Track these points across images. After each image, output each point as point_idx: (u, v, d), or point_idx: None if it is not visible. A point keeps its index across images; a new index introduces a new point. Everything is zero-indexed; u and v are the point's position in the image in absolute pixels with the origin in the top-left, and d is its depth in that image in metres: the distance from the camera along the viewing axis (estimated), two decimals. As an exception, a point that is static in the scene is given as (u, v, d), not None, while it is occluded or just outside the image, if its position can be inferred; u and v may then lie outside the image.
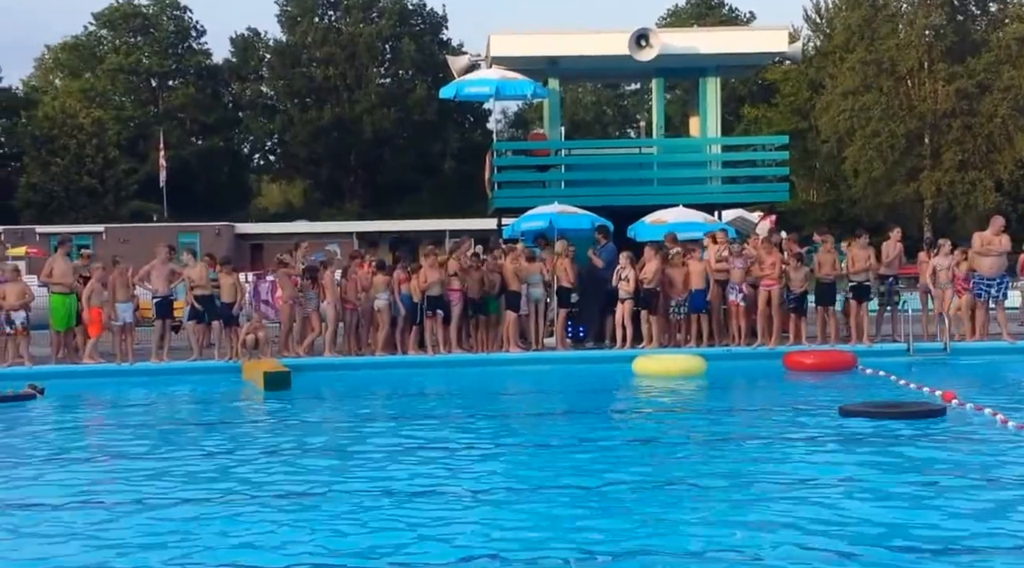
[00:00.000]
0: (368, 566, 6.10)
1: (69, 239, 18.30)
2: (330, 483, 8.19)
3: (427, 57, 58.84)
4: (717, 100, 20.83)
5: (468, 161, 53.93)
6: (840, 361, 15.09)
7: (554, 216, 17.60)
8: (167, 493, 7.97)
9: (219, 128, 61.31)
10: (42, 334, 16.63)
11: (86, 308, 15.80)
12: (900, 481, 7.90)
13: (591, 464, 8.86)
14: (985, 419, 10.43)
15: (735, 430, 10.66)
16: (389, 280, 16.41)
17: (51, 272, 16.04)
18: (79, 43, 63.39)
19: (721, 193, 20.66)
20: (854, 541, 6.32)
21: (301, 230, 40.51)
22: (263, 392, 13.50)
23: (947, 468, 8.34)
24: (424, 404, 13.10)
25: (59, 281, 15.95)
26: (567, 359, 16.40)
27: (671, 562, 6.05)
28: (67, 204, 51.17)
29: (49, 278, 16.03)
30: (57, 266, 16.10)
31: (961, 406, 11.10)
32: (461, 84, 19.96)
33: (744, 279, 16.42)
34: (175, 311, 17.01)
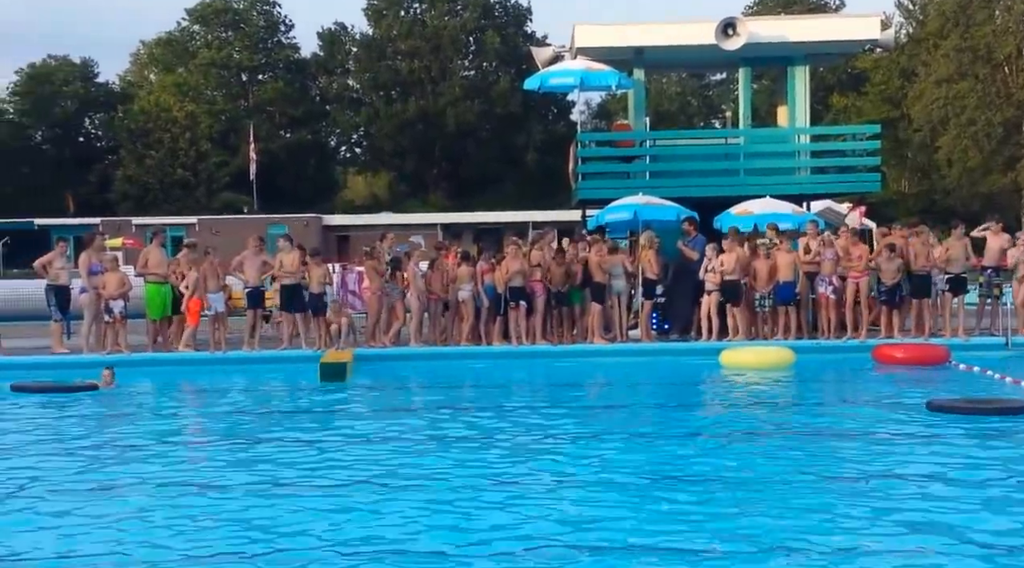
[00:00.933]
0: (454, 554, 6.16)
1: (163, 230, 18.79)
2: (399, 471, 8.30)
3: (511, 49, 58.94)
4: (806, 89, 20.49)
5: (551, 153, 53.90)
6: (932, 355, 14.75)
7: (639, 207, 17.53)
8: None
9: (307, 121, 62.20)
10: (138, 323, 17.09)
11: (188, 298, 16.26)
12: (986, 479, 7.73)
13: (675, 456, 8.83)
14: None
15: (819, 424, 10.52)
16: (473, 271, 16.51)
17: (147, 262, 16.49)
18: (173, 38, 64.89)
19: (810, 184, 20.33)
20: (935, 538, 6.22)
21: (386, 222, 40.91)
22: (319, 383, 13.60)
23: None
24: (506, 395, 13.11)
25: (154, 271, 16.40)
26: (652, 351, 16.32)
27: (754, 556, 6.01)
28: (161, 196, 52.49)
29: (145, 268, 16.48)
30: (152, 256, 16.55)
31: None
32: (545, 75, 19.97)
33: (834, 271, 16.16)
34: (266, 301, 17.32)
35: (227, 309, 16.77)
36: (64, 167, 59.73)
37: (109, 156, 60.20)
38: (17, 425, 11.06)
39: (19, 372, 14.47)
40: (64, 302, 16.42)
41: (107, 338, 16.23)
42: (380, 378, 14.30)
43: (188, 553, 6.20)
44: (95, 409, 12.10)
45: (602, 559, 6.02)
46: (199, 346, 16.58)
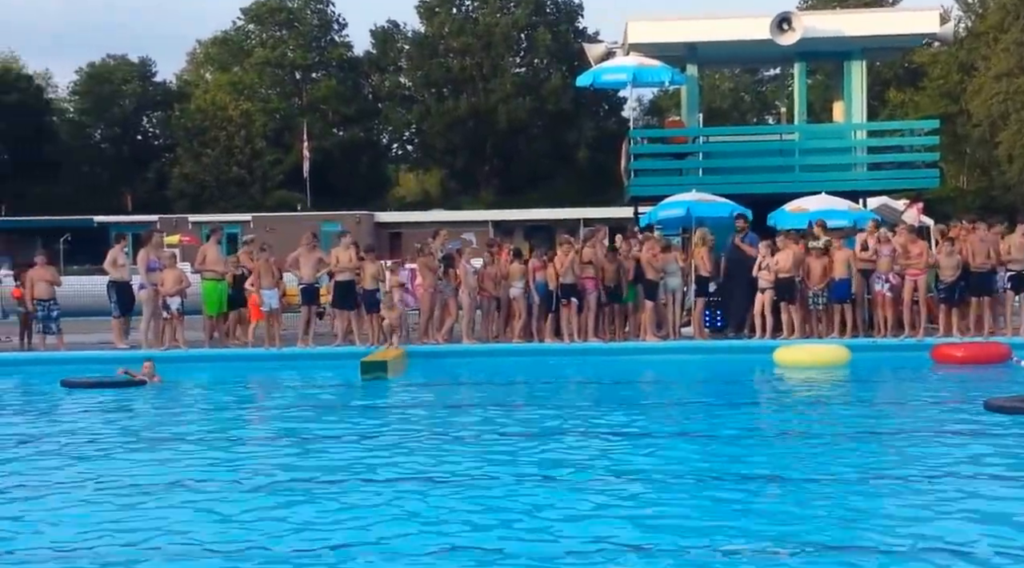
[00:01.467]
0: (506, 550, 6.18)
1: (220, 228, 19.01)
2: (455, 468, 8.34)
3: (562, 46, 58.81)
4: (863, 84, 20.27)
5: (602, 150, 53.72)
6: (992, 354, 14.47)
7: (692, 204, 17.42)
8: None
9: (359, 119, 62.56)
10: (195, 319, 17.31)
11: (253, 294, 16.48)
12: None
13: (728, 455, 8.78)
14: None
15: (873, 424, 10.39)
16: (524, 269, 16.51)
17: (204, 259, 16.70)
18: (228, 38, 65.64)
19: (866, 180, 20.10)
20: (989, 539, 6.14)
21: (437, 219, 41.01)
22: (360, 380, 13.62)
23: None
24: (557, 393, 13.09)
25: (211, 268, 16.61)
26: (705, 349, 16.21)
27: (803, 556, 5.95)
28: (217, 194, 53.10)
29: (202, 265, 16.71)
30: (210, 253, 16.77)
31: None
32: (598, 72, 19.94)
33: (891, 268, 15.93)
34: (320, 298, 17.44)
35: (281, 306, 16.91)
36: (122, 165, 60.70)
37: (166, 154, 61.01)
38: (72, 420, 11.19)
39: (71, 367, 14.70)
40: (125, 298, 16.65)
41: (165, 334, 16.46)
42: (431, 375, 14.35)
43: (247, 546, 6.28)
44: (146, 404, 12.26)
45: (652, 558, 5.99)
46: (255, 342, 16.77)
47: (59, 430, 10.50)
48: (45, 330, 16.47)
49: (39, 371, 14.90)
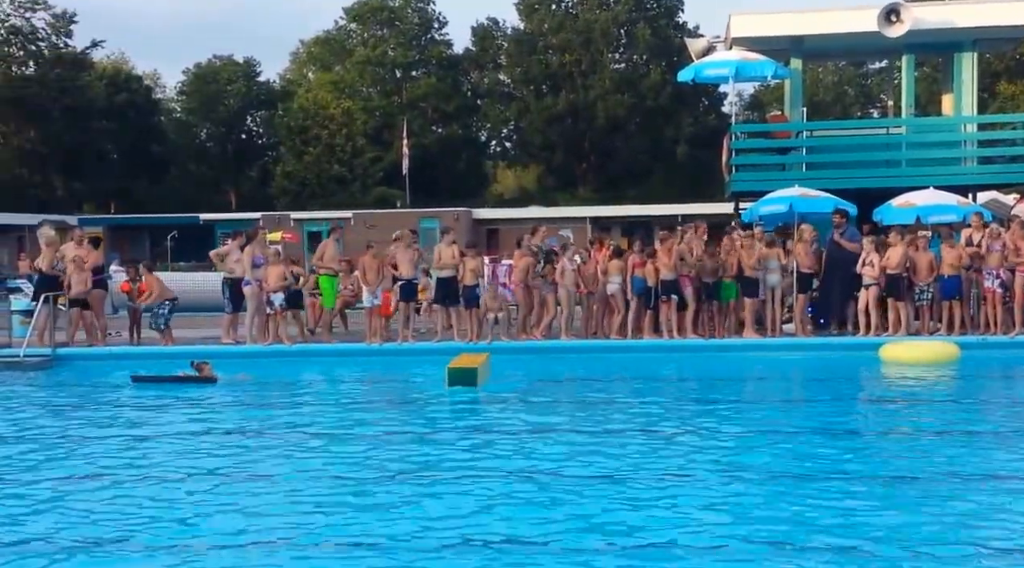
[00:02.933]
0: (592, 545, 6.22)
1: (339, 226, 19.47)
2: (547, 465, 8.38)
3: (662, 41, 58.40)
4: (973, 76, 19.73)
5: (701, 146, 53.21)
6: None
7: (794, 200, 17.15)
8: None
9: (458, 116, 63.03)
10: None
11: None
12: None
13: (832, 453, 8.67)
14: None
15: (981, 423, 10.15)
16: (623, 265, 16.44)
17: (322, 256, 17.13)
18: (330, 37, 66.83)
19: (976, 174, 19.58)
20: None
21: (535, 215, 41.12)
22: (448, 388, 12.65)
23: None
24: (657, 390, 12.98)
25: (328, 265, 17.06)
26: (808, 346, 15.94)
27: (896, 555, 5.87)
28: (318, 191, 54.07)
29: (320, 261, 17.15)
30: (328, 250, 17.20)
31: None
32: (699, 66, 19.77)
33: (1001, 264, 15.46)
34: (419, 294, 17.61)
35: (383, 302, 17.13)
36: (227, 164, 62.28)
37: (269, 153, 62.42)
38: (143, 415, 11.36)
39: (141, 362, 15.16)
40: (237, 294, 17.07)
41: (268, 330, 16.81)
42: (528, 370, 14.36)
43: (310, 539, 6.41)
44: (219, 400, 12.41)
45: (755, 553, 5.97)
46: (352, 337, 17.07)
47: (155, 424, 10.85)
48: (154, 326, 17.02)
49: (135, 365, 15.08)
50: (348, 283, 19.06)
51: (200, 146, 64.43)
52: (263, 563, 6.04)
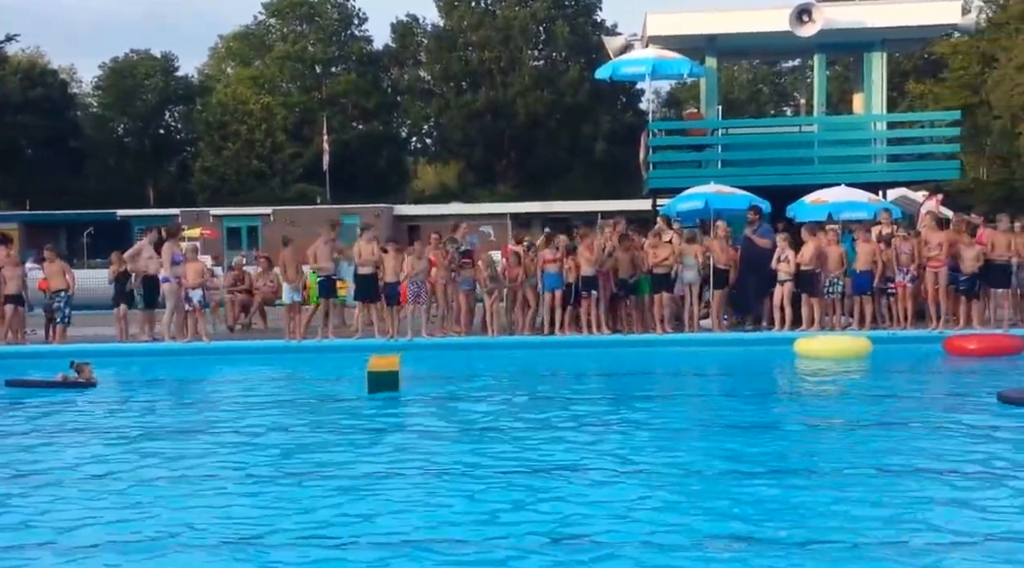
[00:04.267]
0: (496, 536, 6.30)
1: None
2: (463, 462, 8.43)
3: (580, 39, 58.81)
4: (882, 76, 20.23)
5: (620, 143, 53.72)
6: (1005, 346, 14.43)
7: (710, 196, 17.44)
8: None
9: (378, 112, 62.77)
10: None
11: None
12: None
13: (744, 447, 8.84)
14: None
15: (889, 415, 10.41)
16: (547, 261, 16.55)
17: (315, 256, 16.74)
18: (249, 32, 66.03)
19: (886, 172, 20.07)
20: (1000, 531, 6.20)
21: (456, 212, 41.14)
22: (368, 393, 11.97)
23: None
24: (571, 385, 13.05)
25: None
26: (724, 341, 16.23)
27: (810, 549, 6.00)
28: (238, 187, 53.38)
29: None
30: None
31: None
32: (617, 64, 19.95)
33: (912, 260, 15.91)
34: (338, 290, 17.51)
35: (303, 298, 17.02)
36: (145, 159, 61.14)
37: (188, 148, 61.43)
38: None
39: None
40: (151, 292, 16.82)
41: (187, 327, 16.61)
42: (441, 368, 14.38)
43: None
44: (102, 400, 12.16)
45: (665, 549, 6.07)
46: (277, 334, 16.93)
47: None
48: (61, 320, 16.74)
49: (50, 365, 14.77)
50: (267, 279, 18.96)
51: (118, 141, 63.15)
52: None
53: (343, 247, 17.49)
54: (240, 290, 19.10)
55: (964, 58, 50.66)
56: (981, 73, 48.74)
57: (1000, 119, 45.78)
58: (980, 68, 49.08)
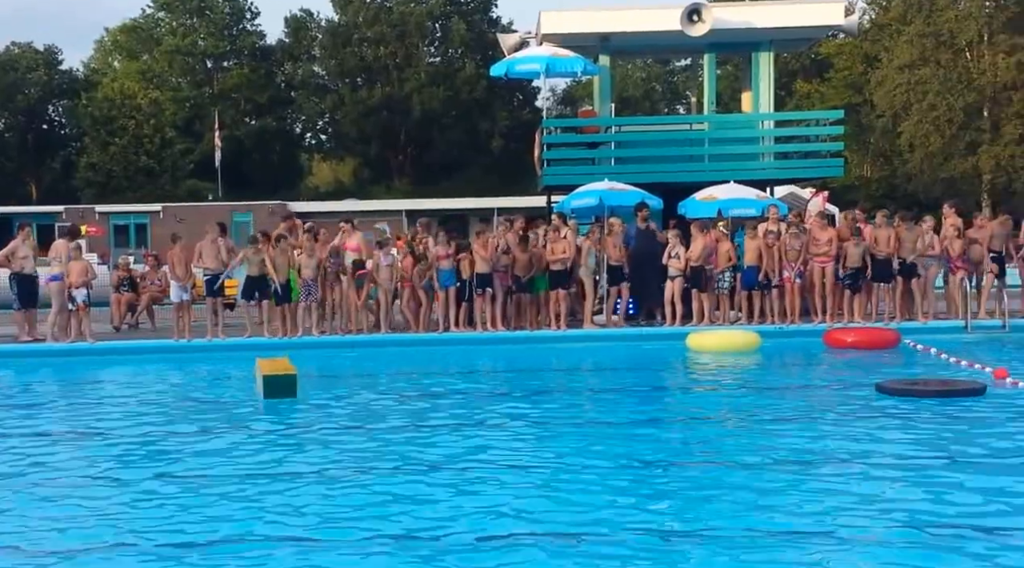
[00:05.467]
0: (384, 533, 6.26)
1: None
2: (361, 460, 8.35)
3: (476, 35, 58.85)
4: (770, 75, 20.62)
5: (516, 139, 53.89)
6: (882, 339, 14.90)
7: (604, 193, 17.59)
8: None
9: (272, 108, 61.89)
10: (102, 311, 17.00)
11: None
12: (926, 460, 7.88)
13: (635, 441, 8.94)
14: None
15: (776, 407, 10.63)
16: (440, 257, 16.50)
17: (200, 255, 16.27)
18: (137, 25, 64.38)
19: (773, 169, 20.48)
20: (874, 521, 6.32)
21: (351, 208, 40.76)
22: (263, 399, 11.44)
23: (976, 447, 8.28)
24: (467, 382, 13.05)
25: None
26: (617, 337, 16.39)
27: (696, 541, 6.06)
28: (125, 184, 51.99)
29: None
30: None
31: (1008, 384, 10.98)
32: (511, 62, 19.97)
33: (800, 256, 16.30)
34: (226, 289, 17.20)
35: (192, 297, 16.68)
36: (27, 155, 59.08)
37: (73, 143, 59.54)
38: None
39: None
40: (27, 291, 16.28)
41: (71, 327, 16.13)
42: (334, 368, 14.22)
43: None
44: None
45: (561, 546, 6.06)
46: (165, 334, 16.55)
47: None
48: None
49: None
50: (155, 277, 18.56)
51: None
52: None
53: (233, 246, 17.21)
54: (127, 288, 18.62)
55: (848, 58, 52.20)
56: (864, 73, 50.25)
57: (882, 118, 47.23)
58: (863, 68, 50.59)
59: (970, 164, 44.05)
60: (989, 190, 44.25)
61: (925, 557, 5.69)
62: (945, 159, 44.29)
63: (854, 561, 5.68)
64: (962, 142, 44.11)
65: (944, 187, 43.28)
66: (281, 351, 14.13)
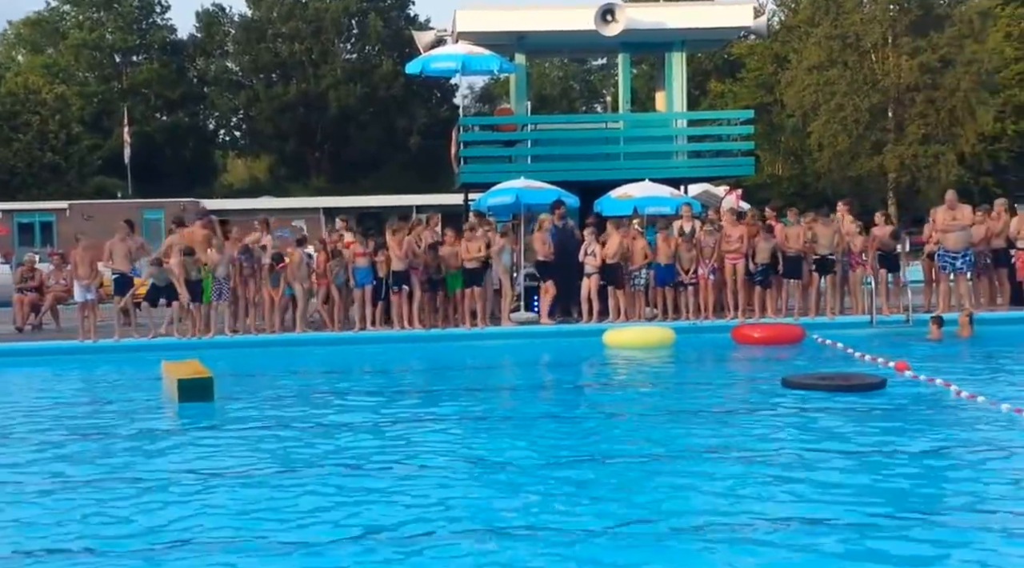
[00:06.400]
0: (307, 532, 6.21)
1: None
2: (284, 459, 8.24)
3: (393, 32, 58.52)
4: (683, 75, 20.91)
5: (434, 137, 53.71)
6: (787, 334, 15.21)
7: (520, 191, 17.65)
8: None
9: (184, 103, 60.77)
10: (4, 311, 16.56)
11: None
12: (826, 452, 8.02)
13: (552, 437, 9.00)
14: (932, 389, 10.61)
15: (689, 402, 10.77)
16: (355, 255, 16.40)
17: (110, 254, 15.91)
18: (42, 19, 62.67)
19: (687, 167, 20.77)
20: (771, 512, 6.43)
21: (267, 206, 40.25)
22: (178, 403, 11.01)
23: (875, 438, 8.48)
24: (383, 381, 13.02)
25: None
26: (536, 333, 16.45)
27: (610, 536, 6.11)
28: (30, 180, 50.60)
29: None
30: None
31: (908, 376, 11.29)
32: (427, 59, 19.94)
33: (714, 253, 16.54)
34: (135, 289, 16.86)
35: (97, 296, 16.32)
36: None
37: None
38: None
39: None
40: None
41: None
42: (247, 367, 14.03)
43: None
44: None
45: (477, 541, 6.07)
46: (71, 335, 16.17)
47: None
48: None
49: None
50: (60, 277, 18.13)
51: None
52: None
53: (143, 244, 16.90)
54: (30, 288, 18.14)
55: (759, 59, 53.08)
56: (775, 74, 51.15)
57: (792, 118, 48.12)
58: (774, 69, 51.50)
59: (876, 163, 45.10)
60: (895, 189, 45.38)
61: (822, 546, 5.79)
62: (852, 158, 45.27)
63: (750, 549, 5.76)
64: (868, 142, 45.14)
65: (852, 186, 44.28)
66: (192, 352, 13.89)
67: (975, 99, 43.43)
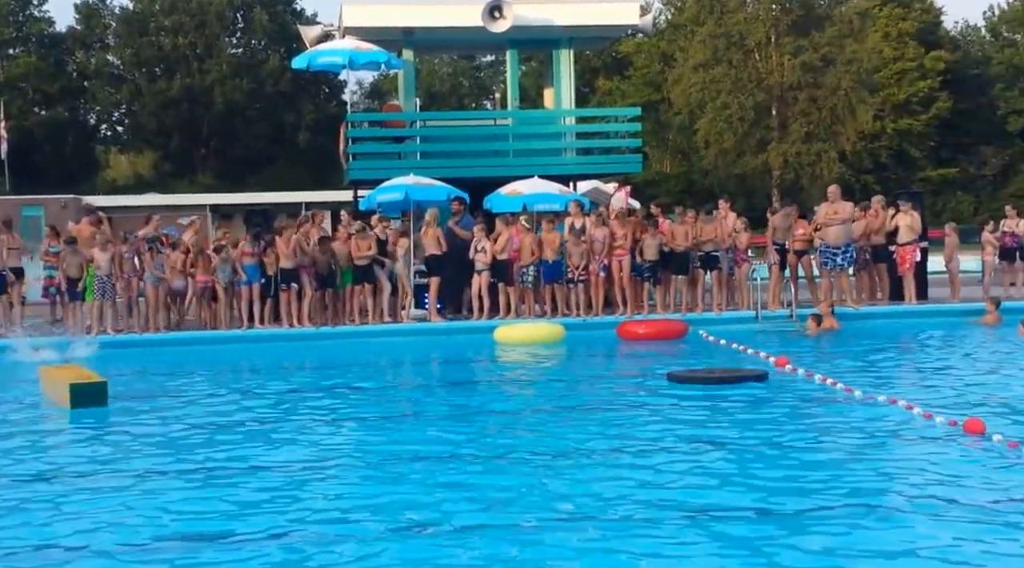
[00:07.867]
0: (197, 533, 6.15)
1: None
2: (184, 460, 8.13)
3: (280, 27, 57.73)
4: (570, 72, 21.08)
5: (323, 133, 53.15)
6: (671, 330, 15.54)
7: (410, 188, 17.58)
8: None
9: (63, 98, 58.92)
10: None
11: None
12: (708, 444, 8.20)
13: (441, 435, 9.00)
14: (810, 384, 10.92)
15: (578, 398, 10.94)
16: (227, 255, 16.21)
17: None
18: (-91, 9, 60.06)
19: (576, 164, 20.94)
20: (667, 504, 6.53)
21: (152, 203, 39.26)
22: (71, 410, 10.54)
23: (755, 430, 8.71)
24: (276, 379, 12.86)
25: None
26: (427, 330, 16.45)
27: (500, 532, 6.13)
28: (-102, 178, 48.53)
29: None
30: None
31: (788, 371, 11.62)
32: (314, 54, 19.72)
33: (604, 250, 16.73)
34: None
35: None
36: None
37: None
38: None
39: None
40: None
41: None
42: (133, 366, 13.74)
43: None
44: None
45: (369, 541, 6.05)
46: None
47: None
48: None
49: None
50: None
51: None
52: None
53: (22, 243, 16.41)
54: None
55: (646, 57, 53.95)
56: (662, 71, 52.05)
57: (679, 115, 49.03)
58: (661, 67, 52.40)
59: (760, 161, 46.29)
60: (779, 186, 46.61)
61: (703, 537, 5.91)
62: (738, 156, 46.39)
63: (637, 543, 5.82)
64: (753, 139, 46.29)
65: (737, 183, 45.37)
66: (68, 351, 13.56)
67: (855, 98, 44.87)
